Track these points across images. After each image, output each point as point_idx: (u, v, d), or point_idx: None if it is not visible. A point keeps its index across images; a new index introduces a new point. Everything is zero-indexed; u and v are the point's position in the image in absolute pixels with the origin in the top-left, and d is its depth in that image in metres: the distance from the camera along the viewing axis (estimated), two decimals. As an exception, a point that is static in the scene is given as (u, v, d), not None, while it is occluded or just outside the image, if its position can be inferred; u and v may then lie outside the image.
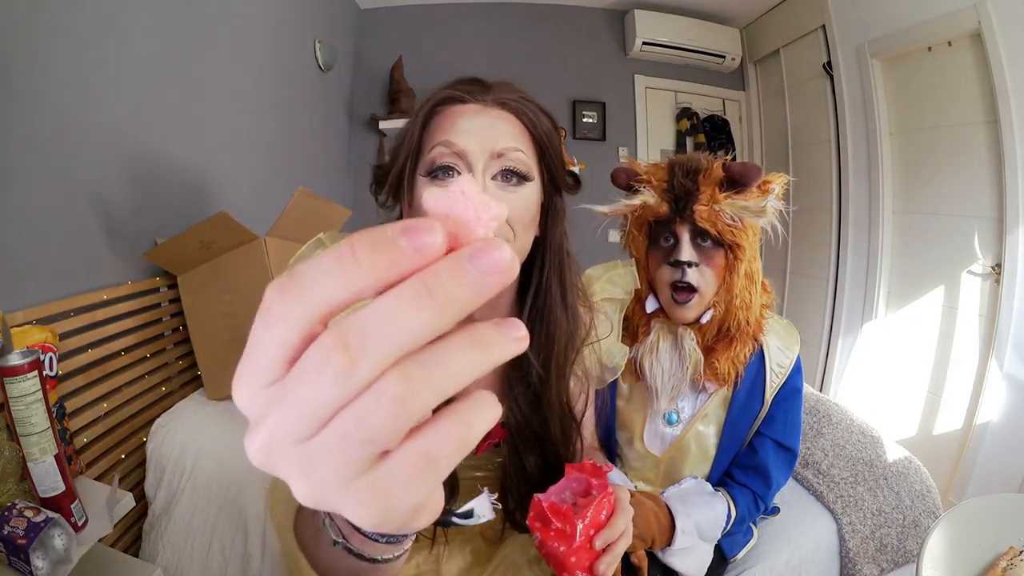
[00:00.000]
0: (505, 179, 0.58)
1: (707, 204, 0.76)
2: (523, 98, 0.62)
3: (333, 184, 2.55)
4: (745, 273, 0.79)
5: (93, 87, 1.05)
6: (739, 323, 0.81)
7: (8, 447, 0.68)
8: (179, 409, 1.13)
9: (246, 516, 0.99)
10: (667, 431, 0.89)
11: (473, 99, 0.60)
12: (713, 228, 0.77)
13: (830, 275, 2.49)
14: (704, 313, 0.81)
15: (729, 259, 0.79)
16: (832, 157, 2.46)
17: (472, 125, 0.58)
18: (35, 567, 0.62)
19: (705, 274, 0.78)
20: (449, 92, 0.60)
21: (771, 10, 2.77)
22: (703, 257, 0.78)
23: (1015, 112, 1.63)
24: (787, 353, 0.87)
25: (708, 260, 0.78)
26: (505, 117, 0.60)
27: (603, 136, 2.95)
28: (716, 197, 0.76)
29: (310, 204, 1.28)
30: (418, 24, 2.85)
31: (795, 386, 0.87)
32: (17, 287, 0.89)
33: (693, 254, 0.78)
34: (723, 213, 0.76)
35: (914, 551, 1.03)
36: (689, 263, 0.77)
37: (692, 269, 0.78)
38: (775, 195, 0.77)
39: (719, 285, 0.79)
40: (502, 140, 0.58)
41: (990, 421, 1.73)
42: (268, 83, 1.82)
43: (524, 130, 0.61)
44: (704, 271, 0.78)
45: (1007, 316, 1.68)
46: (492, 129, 0.58)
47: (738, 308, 0.80)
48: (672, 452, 0.89)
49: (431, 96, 0.61)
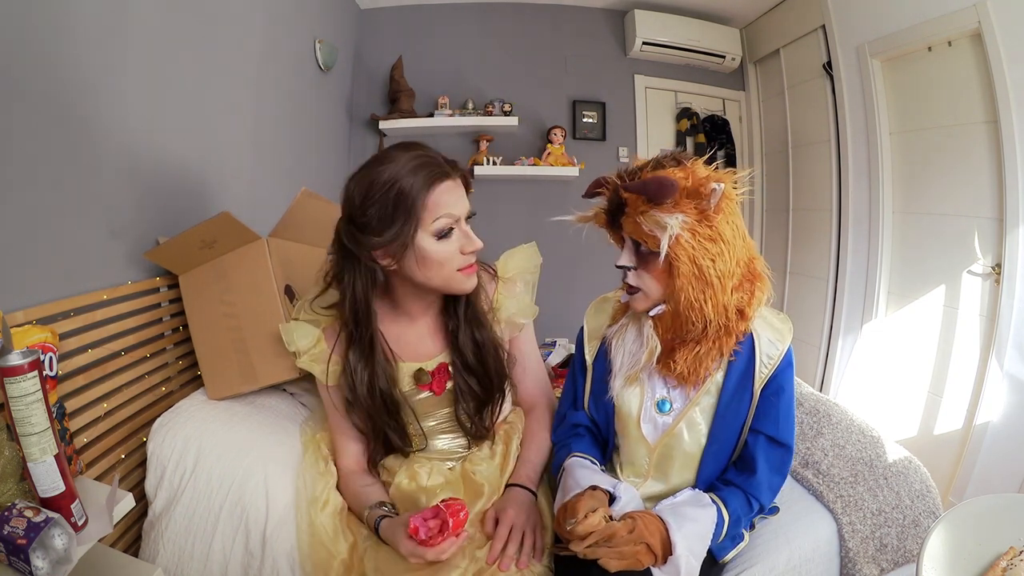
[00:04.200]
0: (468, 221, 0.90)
1: (632, 216, 0.80)
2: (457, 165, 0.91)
3: (333, 184, 2.53)
4: (694, 276, 0.79)
5: (94, 87, 1.05)
6: (691, 324, 0.82)
7: (8, 447, 0.68)
8: (180, 409, 1.13)
9: (247, 516, 0.99)
10: (659, 418, 0.90)
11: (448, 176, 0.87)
12: (639, 238, 0.81)
13: (830, 275, 2.49)
14: (655, 307, 0.85)
15: (673, 265, 0.80)
16: (832, 157, 2.46)
17: (455, 197, 0.87)
18: (35, 567, 0.62)
19: (643, 277, 0.83)
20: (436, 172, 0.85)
21: (771, 10, 2.77)
22: (641, 262, 0.83)
23: (1015, 112, 1.63)
24: (777, 345, 0.87)
25: (646, 265, 0.83)
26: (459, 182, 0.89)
27: (603, 136, 2.95)
28: (639, 208, 0.79)
29: (313, 204, 1.28)
30: (418, 24, 2.85)
31: (784, 380, 0.88)
32: (17, 287, 0.89)
33: (630, 259, 0.84)
34: (643, 224, 0.79)
35: (914, 551, 1.03)
36: (625, 267, 0.84)
37: (631, 272, 0.84)
38: (718, 195, 0.77)
39: (663, 287, 0.83)
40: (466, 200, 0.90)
41: (990, 421, 1.73)
42: (268, 83, 1.82)
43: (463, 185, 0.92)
44: (642, 275, 0.83)
45: (1007, 316, 1.68)
46: (463, 196, 0.89)
47: (685, 310, 0.81)
48: (665, 440, 0.90)
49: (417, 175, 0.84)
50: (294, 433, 1.13)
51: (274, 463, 1.04)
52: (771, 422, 0.87)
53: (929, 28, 1.89)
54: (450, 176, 0.86)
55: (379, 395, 0.95)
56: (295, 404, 1.27)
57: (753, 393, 0.87)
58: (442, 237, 0.86)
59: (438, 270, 0.88)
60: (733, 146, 3.02)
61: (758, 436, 0.88)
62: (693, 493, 0.88)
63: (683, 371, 0.86)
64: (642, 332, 0.87)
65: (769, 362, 0.86)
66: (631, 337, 0.89)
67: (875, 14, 2.13)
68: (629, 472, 0.96)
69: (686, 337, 0.84)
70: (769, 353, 0.87)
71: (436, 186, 0.84)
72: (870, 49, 2.16)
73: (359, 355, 0.95)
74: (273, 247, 1.19)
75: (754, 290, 0.85)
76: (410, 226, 0.84)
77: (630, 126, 2.98)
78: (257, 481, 1.01)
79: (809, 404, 1.31)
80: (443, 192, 0.85)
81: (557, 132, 2.78)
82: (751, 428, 0.89)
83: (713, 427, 0.89)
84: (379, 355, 0.96)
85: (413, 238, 0.85)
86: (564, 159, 2.79)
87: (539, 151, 2.84)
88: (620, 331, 0.91)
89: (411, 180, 0.83)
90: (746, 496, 0.87)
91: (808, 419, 1.26)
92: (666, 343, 0.86)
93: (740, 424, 0.88)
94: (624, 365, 0.89)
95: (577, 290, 2.03)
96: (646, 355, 0.86)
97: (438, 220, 0.85)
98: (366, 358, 0.95)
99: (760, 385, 0.87)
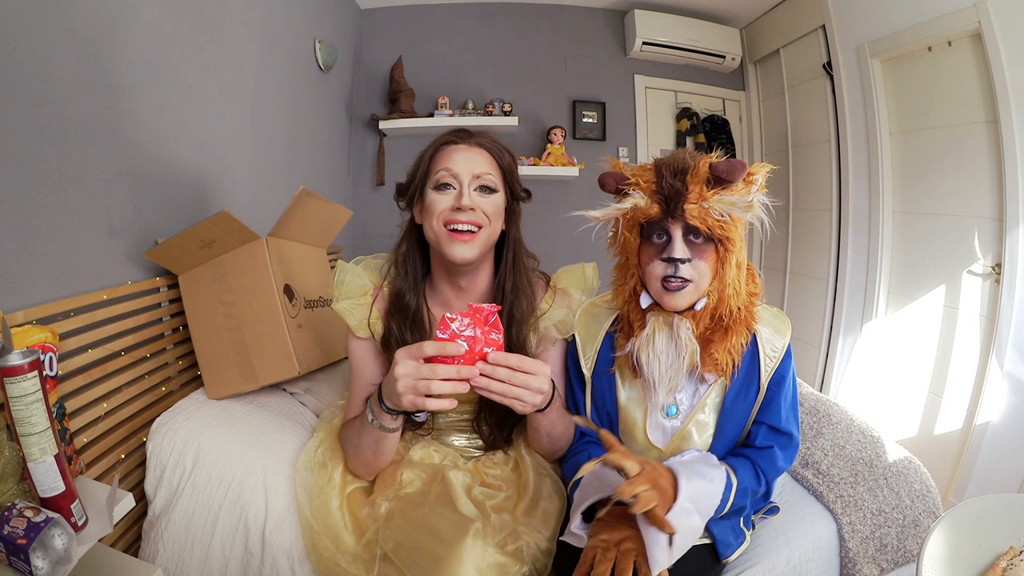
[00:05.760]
0: (481, 191, 0.93)
1: (696, 202, 0.79)
2: (493, 140, 0.96)
3: (333, 184, 2.55)
4: (736, 263, 0.82)
5: (94, 87, 1.05)
6: (731, 311, 0.83)
7: (8, 447, 0.68)
8: (179, 408, 1.13)
9: (246, 515, 0.99)
10: (667, 423, 0.90)
11: (462, 141, 0.94)
12: (704, 225, 0.79)
13: (830, 275, 2.49)
14: (698, 301, 0.83)
15: (720, 252, 0.82)
16: (832, 157, 2.46)
17: (461, 157, 0.93)
18: (35, 567, 0.62)
19: (699, 267, 0.81)
20: (447, 137, 0.96)
21: (771, 10, 2.77)
22: (695, 252, 0.82)
23: (1015, 112, 1.63)
24: (778, 339, 0.89)
25: (700, 255, 0.81)
26: (481, 153, 0.94)
27: (603, 136, 2.95)
28: (704, 195, 0.79)
29: (312, 204, 1.28)
30: (418, 24, 2.85)
31: (786, 371, 0.89)
32: (17, 287, 0.89)
33: (686, 251, 0.81)
34: (712, 210, 0.78)
35: (914, 551, 1.03)
36: (683, 260, 0.81)
37: (685, 265, 0.81)
38: (759, 186, 0.79)
39: (713, 277, 0.82)
40: (479, 167, 0.93)
41: (990, 421, 1.73)
42: (268, 83, 1.82)
43: (493, 161, 0.95)
44: (697, 264, 0.81)
45: (1007, 316, 1.68)
46: (473, 160, 0.93)
47: (730, 296, 0.82)
48: (675, 443, 0.90)
49: (436, 140, 0.96)
50: (294, 432, 1.13)
51: (274, 462, 1.04)
52: (775, 413, 0.88)
53: (929, 28, 1.89)
54: (462, 142, 0.94)
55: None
56: (294, 403, 1.27)
57: (760, 386, 0.87)
58: (439, 188, 0.92)
59: (431, 220, 0.92)
60: (733, 146, 3.02)
61: (761, 426, 0.89)
62: (702, 453, 0.86)
63: (724, 361, 0.85)
64: (675, 336, 0.84)
65: (774, 355, 0.88)
66: (663, 345, 0.84)
67: (875, 14, 2.13)
68: None
69: (717, 328, 0.84)
70: (774, 345, 0.88)
71: (445, 148, 0.94)
72: (870, 49, 2.16)
73: (401, 317, 0.97)
74: (272, 246, 1.19)
75: (754, 279, 0.88)
76: (419, 178, 0.95)
77: (630, 126, 2.98)
78: (256, 480, 1.01)
79: (809, 404, 1.31)
80: (450, 152, 0.93)
81: (557, 132, 2.78)
82: (755, 420, 0.89)
83: (719, 424, 0.89)
84: (421, 322, 0.98)
85: (422, 189, 0.94)
86: (564, 159, 2.79)
87: (539, 151, 2.84)
88: (647, 341, 0.85)
89: (431, 144, 0.96)
90: (754, 468, 0.87)
91: (808, 419, 1.26)
92: (702, 340, 0.85)
93: (745, 418, 0.89)
94: (663, 376, 0.85)
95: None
96: (688, 358, 0.84)
97: (438, 172, 0.92)
98: (408, 322, 0.96)
99: (767, 378, 0.87)
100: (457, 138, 0.95)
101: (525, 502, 0.94)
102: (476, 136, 0.95)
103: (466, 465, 1.01)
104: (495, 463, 1.02)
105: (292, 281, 1.25)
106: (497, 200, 0.94)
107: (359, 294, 0.99)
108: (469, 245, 0.90)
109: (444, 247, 0.91)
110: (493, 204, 0.93)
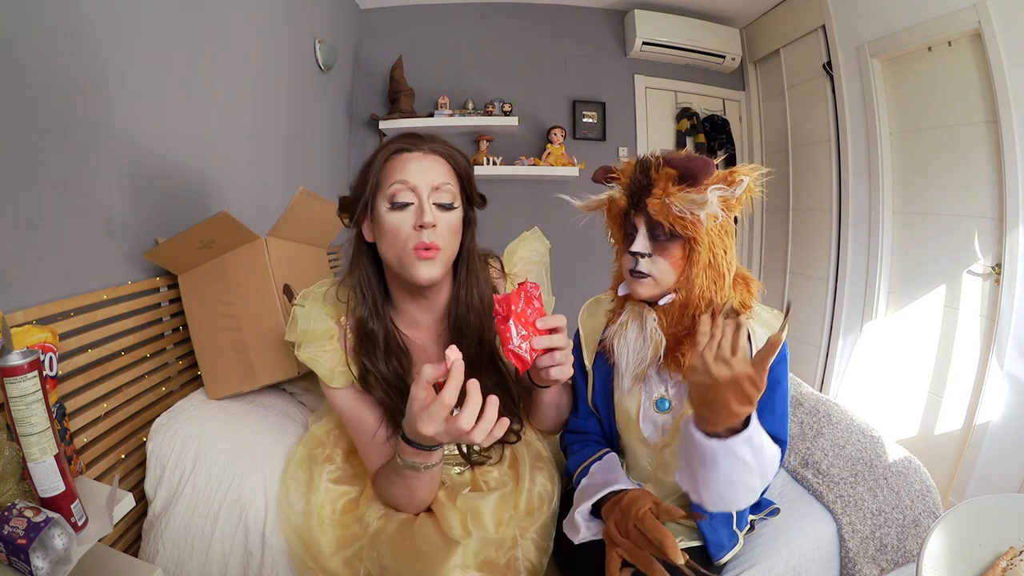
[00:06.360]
0: (440, 208, 0.85)
1: (659, 197, 0.80)
2: (447, 145, 0.89)
3: (333, 184, 2.55)
4: (708, 264, 0.81)
5: (94, 86, 1.05)
6: (700, 314, 0.82)
7: (8, 447, 0.68)
8: (179, 408, 1.13)
9: (246, 515, 0.99)
10: (659, 418, 0.90)
11: (415, 148, 0.86)
12: (666, 220, 0.80)
13: (830, 275, 2.49)
14: (664, 296, 0.84)
15: (686, 251, 0.82)
16: (832, 157, 2.46)
17: (417, 167, 0.84)
18: (35, 567, 0.62)
19: (658, 264, 0.82)
20: (398, 144, 0.87)
21: (771, 10, 2.77)
22: (658, 249, 0.82)
23: (1015, 112, 1.63)
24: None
25: (663, 251, 0.82)
26: (438, 160, 0.87)
27: (603, 136, 2.95)
28: (668, 191, 0.79)
29: (311, 204, 1.28)
30: (418, 24, 2.85)
31: (780, 373, 0.86)
32: (17, 287, 0.89)
33: (646, 245, 0.82)
34: (673, 206, 0.79)
35: (914, 551, 1.03)
36: (641, 254, 0.82)
37: (644, 259, 0.82)
38: (745, 186, 0.78)
39: (678, 275, 0.83)
40: (436, 177, 0.85)
41: (990, 421, 1.73)
42: (268, 83, 1.82)
43: (450, 168, 0.88)
44: (657, 261, 0.82)
45: (1007, 316, 1.68)
46: (429, 170, 0.85)
47: (697, 299, 0.82)
48: (667, 439, 0.90)
49: (384, 147, 0.87)
50: (293, 432, 1.13)
51: (273, 462, 1.04)
52: (767, 418, 0.86)
53: (929, 28, 1.89)
54: (417, 149, 0.86)
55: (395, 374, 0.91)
56: (294, 403, 1.27)
57: None
58: (396, 207, 0.83)
59: (391, 242, 0.84)
60: (733, 146, 3.02)
61: None
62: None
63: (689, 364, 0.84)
64: (644, 327, 0.86)
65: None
66: (633, 334, 0.87)
67: (875, 14, 2.13)
68: (635, 475, 0.95)
69: (691, 329, 0.83)
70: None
71: (397, 156, 0.86)
72: (870, 49, 2.16)
73: (371, 347, 0.90)
74: (272, 246, 1.19)
75: (749, 289, 0.86)
76: (369, 189, 0.86)
77: (630, 126, 2.98)
78: (256, 480, 1.01)
79: (809, 404, 1.31)
80: (404, 161, 0.85)
81: (557, 132, 2.78)
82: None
83: None
84: (395, 346, 0.91)
85: (373, 203, 0.86)
86: (564, 159, 2.79)
87: (539, 151, 2.84)
88: (620, 329, 0.89)
89: (379, 151, 0.88)
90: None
91: (808, 419, 1.26)
92: (671, 337, 0.85)
93: None
94: (630, 364, 0.87)
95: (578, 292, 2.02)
96: (651, 350, 0.85)
97: (392, 185, 0.83)
98: (380, 351, 0.90)
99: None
100: (410, 145, 0.86)
101: (523, 499, 0.94)
102: (429, 142, 0.87)
103: (463, 476, 1.00)
104: (491, 465, 1.01)
105: (291, 281, 1.25)
106: (455, 218, 0.87)
107: (324, 338, 0.90)
108: (434, 263, 0.84)
109: (409, 270, 0.84)
110: (450, 224, 0.86)
